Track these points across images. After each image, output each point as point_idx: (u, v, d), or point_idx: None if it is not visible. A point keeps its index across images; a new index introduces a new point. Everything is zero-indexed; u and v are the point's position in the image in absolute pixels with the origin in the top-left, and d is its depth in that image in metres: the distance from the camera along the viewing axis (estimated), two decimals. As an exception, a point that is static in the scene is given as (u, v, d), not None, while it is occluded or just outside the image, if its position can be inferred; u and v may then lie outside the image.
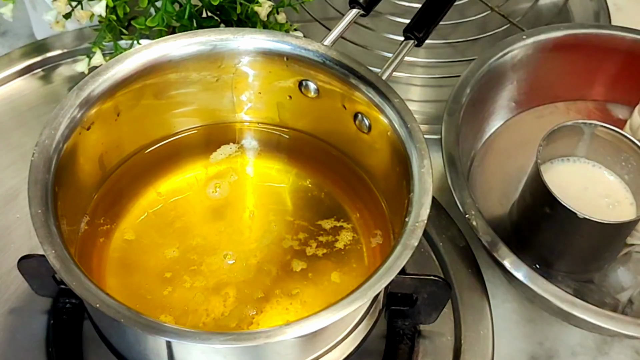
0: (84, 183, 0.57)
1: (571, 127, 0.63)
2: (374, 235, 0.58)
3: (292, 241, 0.58)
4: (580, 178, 0.65)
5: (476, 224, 0.59)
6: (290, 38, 0.58)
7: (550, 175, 0.63)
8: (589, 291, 0.63)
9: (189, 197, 0.61)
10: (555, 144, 0.63)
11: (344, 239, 0.58)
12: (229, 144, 0.64)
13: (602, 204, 0.63)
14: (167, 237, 0.58)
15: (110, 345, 0.53)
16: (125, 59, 0.56)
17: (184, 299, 0.55)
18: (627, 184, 0.64)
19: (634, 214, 0.62)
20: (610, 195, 0.64)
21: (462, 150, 0.64)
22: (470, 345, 0.60)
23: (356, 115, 0.58)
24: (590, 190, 0.64)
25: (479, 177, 0.70)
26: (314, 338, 0.49)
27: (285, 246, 0.58)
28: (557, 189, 0.59)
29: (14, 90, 0.75)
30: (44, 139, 0.51)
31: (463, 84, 0.67)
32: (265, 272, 0.56)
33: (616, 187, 0.64)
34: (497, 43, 0.71)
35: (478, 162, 0.71)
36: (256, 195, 0.61)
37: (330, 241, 0.58)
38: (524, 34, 0.72)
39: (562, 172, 0.65)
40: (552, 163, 0.65)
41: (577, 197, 0.63)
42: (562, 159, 0.65)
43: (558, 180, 0.63)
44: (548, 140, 0.62)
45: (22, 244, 0.63)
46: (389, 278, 0.46)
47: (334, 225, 0.59)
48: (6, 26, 0.83)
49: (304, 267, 0.57)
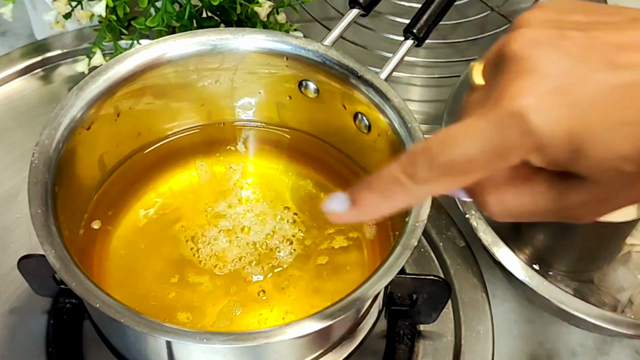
0: (84, 183, 0.57)
1: None
2: (373, 235, 0.58)
3: (292, 241, 0.58)
4: None
5: (476, 224, 0.59)
6: (290, 38, 0.58)
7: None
8: (589, 291, 0.63)
9: (189, 197, 0.61)
10: None
11: (344, 238, 0.58)
12: (229, 144, 0.64)
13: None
14: (167, 237, 0.58)
15: (110, 345, 0.52)
16: (125, 59, 0.56)
17: (184, 298, 0.55)
18: None
19: (634, 214, 0.62)
20: None
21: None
22: (470, 345, 0.60)
23: (356, 115, 0.58)
24: None
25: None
26: (314, 338, 0.49)
27: (285, 246, 0.58)
28: None
29: (14, 90, 0.75)
30: (44, 139, 0.51)
31: (463, 84, 0.67)
32: (266, 271, 0.56)
33: None
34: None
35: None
36: (256, 195, 0.61)
37: (330, 241, 0.58)
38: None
39: None
40: None
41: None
42: None
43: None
44: None
45: (22, 244, 0.63)
46: (389, 278, 0.46)
47: (333, 225, 0.59)
48: (6, 26, 0.83)
49: (304, 267, 0.57)
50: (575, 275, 0.64)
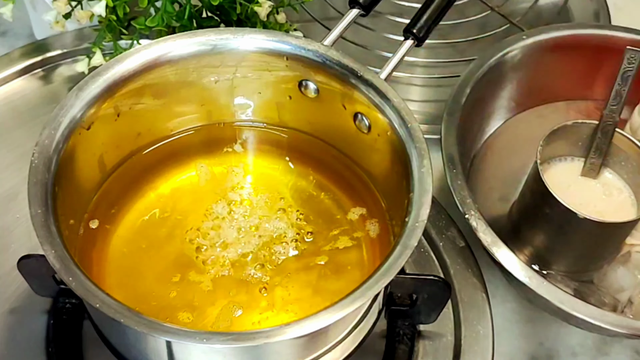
0: (83, 183, 0.57)
1: (571, 126, 0.63)
2: (373, 235, 0.58)
3: (293, 241, 0.58)
4: (580, 178, 0.65)
5: (476, 224, 0.59)
6: (290, 38, 0.58)
7: (550, 175, 0.63)
8: (588, 291, 0.63)
9: (189, 197, 0.61)
10: (555, 144, 0.63)
11: (344, 238, 0.58)
12: (229, 144, 0.64)
13: (602, 204, 0.63)
14: (167, 237, 0.58)
15: (110, 345, 0.52)
16: (125, 59, 0.56)
17: (184, 298, 0.55)
18: (627, 184, 0.64)
19: (634, 214, 0.62)
20: (611, 195, 0.64)
21: (462, 150, 0.64)
22: (470, 345, 0.60)
23: (356, 115, 0.58)
24: (590, 190, 0.64)
25: (479, 177, 0.70)
26: (314, 338, 0.49)
27: (285, 246, 0.58)
28: (556, 188, 0.59)
29: (14, 90, 0.75)
30: (44, 139, 0.51)
31: (463, 84, 0.67)
32: (266, 271, 0.56)
33: (616, 186, 0.64)
34: (497, 43, 0.71)
35: (478, 162, 0.71)
36: (256, 195, 0.61)
37: (330, 241, 0.58)
38: (524, 34, 0.72)
39: (562, 171, 0.65)
40: (552, 162, 0.65)
41: (577, 197, 0.63)
42: (561, 159, 0.65)
43: (558, 180, 0.63)
44: (548, 140, 0.62)
45: (22, 244, 0.63)
46: (389, 278, 0.46)
47: (334, 225, 0.59)
48: (6, 26, 0.83)
49: (304, 267, 0.57)
50: (575, 275, 0.64)
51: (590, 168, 0.64)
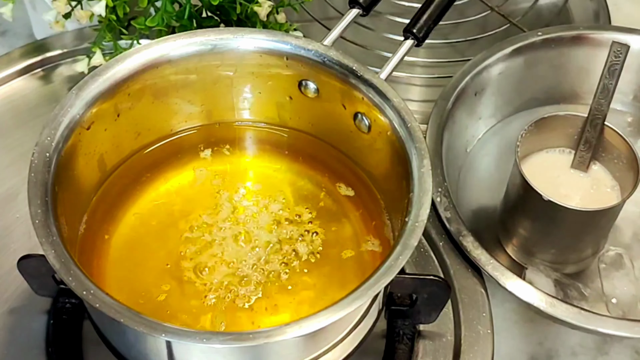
0: (83, 183, 0.57)
1: (562, 117, 0.63)
2: (373, 235, 0.58)
3: (293, 240, 0.58)
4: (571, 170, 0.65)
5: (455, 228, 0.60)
6: (290, 38, 0.58)
7: (540, 165, 0.64)
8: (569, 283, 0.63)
9: (189, 197, 0.61)
10: (547, 135, 0.64)
11: (344, 238, 0.58)
12: (229, 144, 0.64)
13: (588, 197, 0.64)
14: (167, 237, 0.58)
15: (110, 345, 0.52)
16: (125, 59, 0.56)
17: (185, 298, 0.55)
18: (617, 181, 0.64)
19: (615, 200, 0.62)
20: (599, 189, 0.64)
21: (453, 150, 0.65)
22: (470, 345, 0.60)
23: (356, 115, 0.58)
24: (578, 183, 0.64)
25: (471, 175, 0.71)
26: (314, 338, 0.49)
27: (285, 245, 0.58)
28: (545, 178, 0.59)
29: (14, 90, 0.75)
30: (44, 139, 0.51)
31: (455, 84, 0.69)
32: (266, 271, 0.56)
33: (605, 181, 0.64)
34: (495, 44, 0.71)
35: (470, 161, 0.72)
36: (256, 195, 0.61)
37: (330, 241, 0.58)
38: (524, 34, 0.72)
39: (553, 162, 0.66)
40: (544, 152, 0.66)
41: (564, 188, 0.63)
42: (554, 150, 0.66)
43: (548, 170, 0.63)
44: (536, 129, 0.62)
45: (22, 244, 0.63)
46: (389, 278, 0.46)
47: (334, 225, 0.59)
48: (6, 26, 0.83)
49: (304, 266, 0.57)
50: (560, 266, 0.64)
51: (580, 161, 0.65)
